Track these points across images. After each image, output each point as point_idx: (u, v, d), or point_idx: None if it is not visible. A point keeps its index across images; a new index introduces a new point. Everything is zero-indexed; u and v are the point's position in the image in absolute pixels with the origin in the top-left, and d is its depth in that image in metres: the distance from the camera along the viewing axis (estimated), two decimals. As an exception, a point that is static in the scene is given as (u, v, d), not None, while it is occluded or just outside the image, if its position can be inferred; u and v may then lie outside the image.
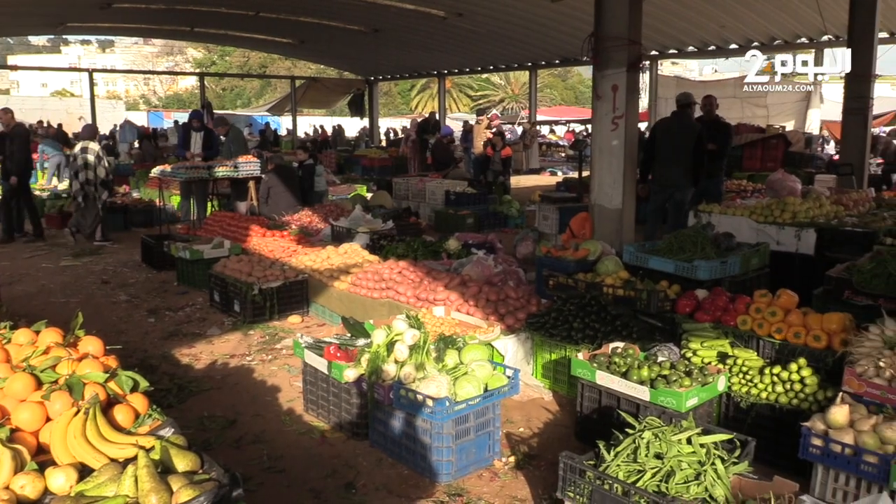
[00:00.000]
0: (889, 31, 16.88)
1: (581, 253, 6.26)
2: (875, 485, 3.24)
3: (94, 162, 10.86)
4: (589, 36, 7.30)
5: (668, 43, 20.65)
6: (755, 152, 14.46)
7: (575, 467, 3.28)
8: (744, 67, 30.75)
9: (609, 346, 4.56)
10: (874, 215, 7.24)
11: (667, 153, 7.82)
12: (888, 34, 16.98)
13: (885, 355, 3.80)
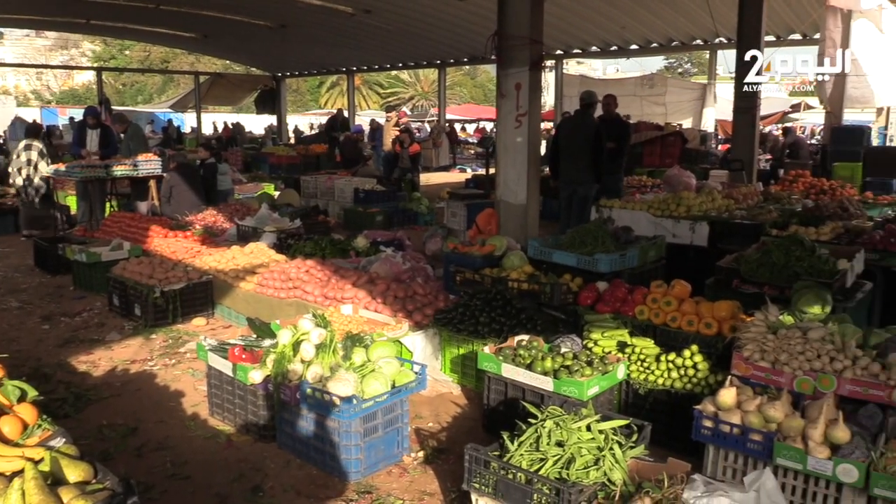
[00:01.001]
0: (776, 34, 17.85)
1: (487, 248, 6.36)
2: (760, 461, 3.43)
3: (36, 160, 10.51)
4: (492, 35, 7.41)
5: (573, 43, 21.17)
6: (654, 149, 15.02)
7: (480, 459, 3.34)
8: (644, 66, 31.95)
9: (514, 339, 4.66)
10: (761, 208, 7.65)
11: (569, 150, 8.04)
12: (775, 37, 17.96)
13: (769, 340, 4.04)
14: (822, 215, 7.07)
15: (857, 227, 6.57)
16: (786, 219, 7.09)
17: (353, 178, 13.98)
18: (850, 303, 4.92)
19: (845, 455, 3.23)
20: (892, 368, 3.71)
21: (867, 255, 5.82)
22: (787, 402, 3.65)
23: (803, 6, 15.59)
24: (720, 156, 15.24)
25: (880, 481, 3.09)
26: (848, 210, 7.32)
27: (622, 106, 21.95)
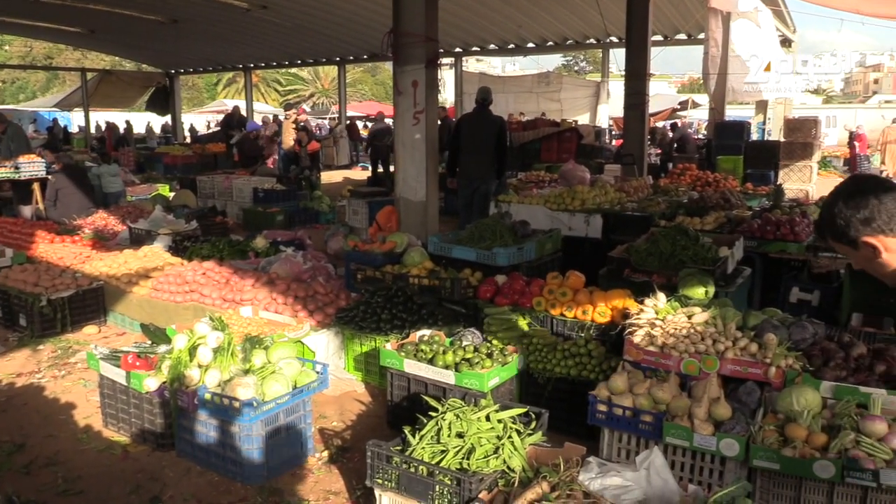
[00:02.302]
0: (663, 34, 18.65)
1: (388, 245, 6.38)
2: (652, 440, 3.60)
3: None
4: (388, 32, 7.42)
5: (471, 41, 21.43)
6: (551, 145, 15.40)
7: (382, 454, 3.36)
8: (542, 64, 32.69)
9: (416, 335, 4.70)
10: (651, 200, 7.99)
11: (471, 147, 8.15)
12: (662, 37, 18.77)
13: (657, 325, 4.24)
14: (706, 206, 7.46)
15: (737, 216, 6.97)
16: (673, 210, 7.44)
17: (252, 177, 13.69)
18: (731, 287, 5.22)
19: (727, 430, 3.44)
20: (767, 348, 3.97)
21: (746, 242, 6.19)
22: (674, 383, 3.85)
23: (687, 8, 16.35)
24: (614, 151, 15.79)
25: (759, 453, 3.30)
26: (730, 201, 7.75)
27: (519, 102, 22.58)
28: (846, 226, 1.96)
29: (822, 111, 35.39)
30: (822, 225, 2.08)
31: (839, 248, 2.08)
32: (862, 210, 1.93)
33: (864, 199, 1.94)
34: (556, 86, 23.28)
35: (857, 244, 1.97)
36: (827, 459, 3.19)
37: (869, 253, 1.98)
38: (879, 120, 31.32)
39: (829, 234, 2.04)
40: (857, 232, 1.95)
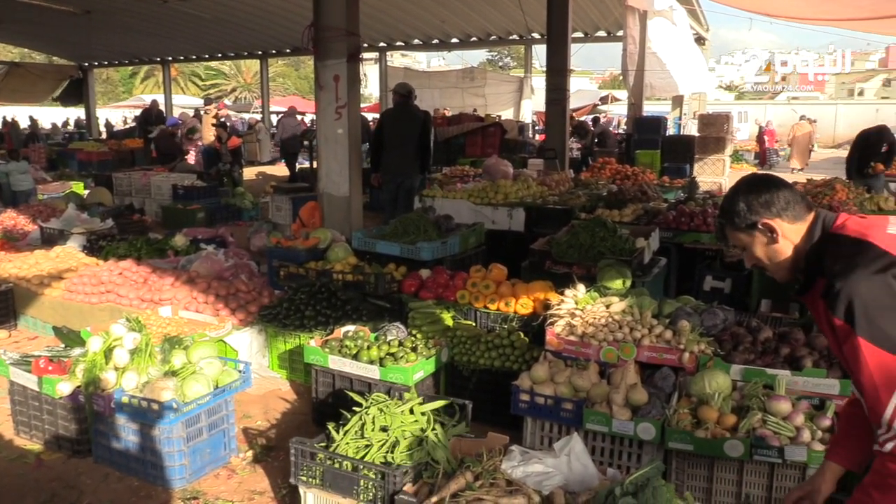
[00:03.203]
0: (584, 31, 19.04)
1: (311, 242, 6.32)
2: (573, 427, 3.69)
3: None
4: (308, 26, 7.33)
5: (395, 36, 21.39)
6: (476, 140, 15.52)
7: (306, 451, 3.34)
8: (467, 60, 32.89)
9: (341, 331, 4.69)
10: (572, 194, 8.17)
11: (394, 142, 8.13)
12: (583, 34, 19.15)
13: (577, 315, 4.35)
14: (624, 199, 7.68)
15: (654, 208, 7.20)
16: (593, 203, 7.63)
17: (171, 173, 13.31)
18: (648, 277, 5.39)
19: (644, 415, 3.56)
20: (681, 334, 4.13)
21: (662, 233, 6.41)
22: (594, 371, 3.96)
23: (606, 5, 16.73)
24: (538, 145, 16.04)
25: (674, 435, 3.43)
26: (647, 193, 7.99)
27: (444, 98, 22.66)
28: (747, 209, 2.08)
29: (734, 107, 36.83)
30: (722, 212, 2.19)
31: (736, 239, 2.18)
32: (763, 194, 2.07)
33: (765, 186, 2.09)
34: (481, 81, 23.49)
35: (756, 227, 2.09)
36: (736, 439, 3.34)
37: (766, 237, 2.10)
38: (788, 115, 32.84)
39: (729, 221, 2.14)
40: (756, 215, 2.07)
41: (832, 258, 2.00)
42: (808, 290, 2.09)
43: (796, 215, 2.08)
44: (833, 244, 2.02)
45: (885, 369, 1.88)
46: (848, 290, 1.91)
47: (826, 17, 10.63)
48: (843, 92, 56.41)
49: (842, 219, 2.07)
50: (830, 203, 7.88)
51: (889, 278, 1.87)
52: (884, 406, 1.89)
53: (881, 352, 1.88)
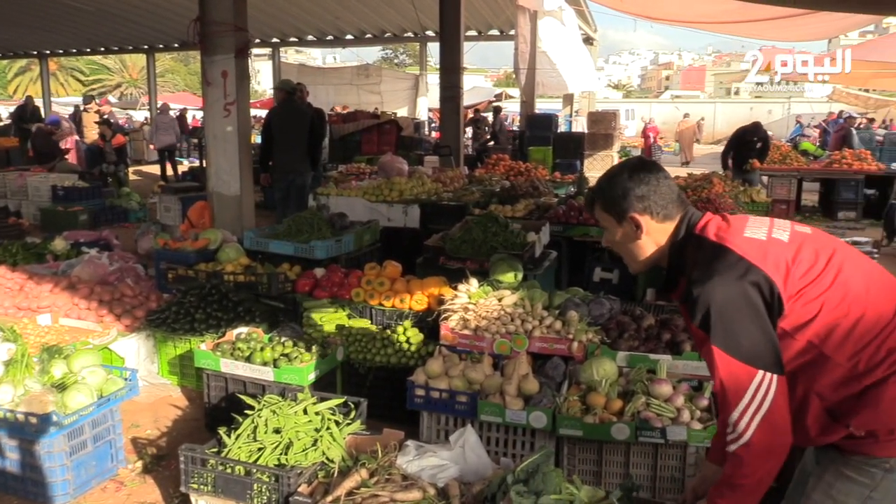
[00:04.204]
0: (477, 29, 19.30)
1: (201, 242, 6.14)
2: (468, 419, 3.75)
3: None
4: (194, 20, 7.11)
5: (289, 31, 21.03)
6: (372, 137, 15.48)
7: (196, 458, 3.25)
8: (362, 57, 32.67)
9: (233, 333, 4.58)
10: (466, 190, 8.28)
11: (283, 140, 8.00)
12: (476, 32, 19.42)
13: (470, 309, 4.42)
14: (516, 194, 7.84)
15: (545, 203, 7.39)
16: (487, 199, 7.76)
17: (51, 174, 12.58)
18: (539, 270, 5.54)
19: (536, 404, 3.66)
20: (570, 324, 4.26)
21: (553, 227, 6.59)
22: (488, 363, 4.03)
23: (499, 4, 17.01)
24: (433, 142, 16.15)
25: (564, 422, 3.54)
26: (538, 189, 8.20)
27: (339, 95, 22.47)
28: (622, 196, 2.04)
29: (621, 105, 38.32)
30: (597, 190, 2.15)
31: (603, 220, 2.15)
32: (642, 186, 2.03)
33: (647, 177, 2.04)
34: (376, 78, 23.44)
35: (624, 218, 2.06)
36: (622, 422, 3.49)
37: (631, 230, 2.07)
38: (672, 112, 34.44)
39: (602, 201, 2.10)
40: (629, 205, 2.03)
41: (692, 262, 1.99)
42: (673, 289, 2.13)
43: (667, 215, 2.05)
44: (694, 247, 2.01)
45: (735, 377, 1.90)
46: (705, 297, 1.90)
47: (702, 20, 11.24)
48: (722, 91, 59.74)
49: (704, 220, 2.05)
50: (709, 196, 8.33)
51: (745, 286, 1.87)
52: (731, 410, 1.92)
53: (732, 360, 1.89)
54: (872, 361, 1.88)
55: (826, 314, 1.88)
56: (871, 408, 1.87)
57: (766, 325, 1.87)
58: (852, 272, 1.93)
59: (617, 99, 49.69)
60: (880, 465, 1.90)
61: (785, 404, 1.90)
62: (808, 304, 1.89)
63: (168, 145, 16.50)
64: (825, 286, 1.89)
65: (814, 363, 1.92)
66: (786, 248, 1.93)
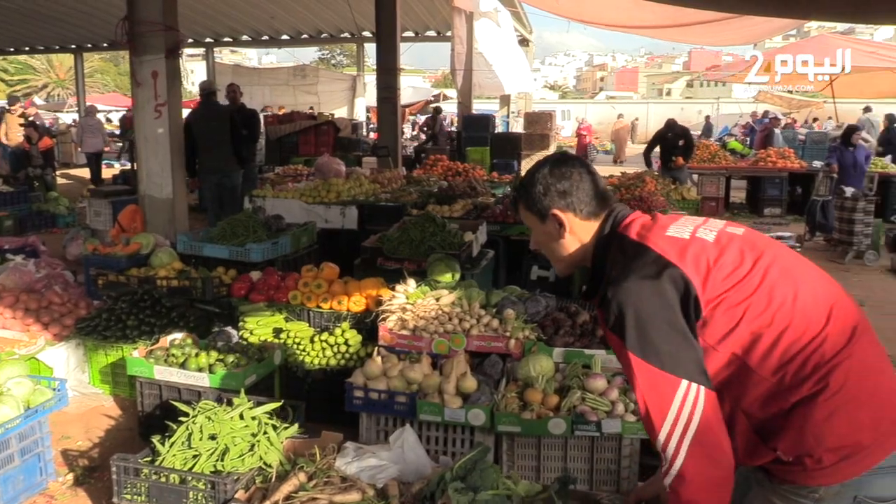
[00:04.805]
0: (414, 30, 19.31)
1: (132, 247, 6.00)
2: (408, 419, 3.76)
3: None
4: (122, 19, 6.94)
5: (222, 31, 20.66)
6: (309, 138, 15.33)
7: (129, 468, 3.18)
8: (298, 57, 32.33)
9: (167, 339, 4.50)
10: (404, 191, 8.30)
11: (207, 141, 7.88)
12: (413, 33, 19.43)
13: (408, 310, 4.44)
14: (454, 195, 7.90)
15: (482, 203, 7.47)
16: (424, 199, 7.79)
17: (-30, 180, 12.09)
18: (477, 269, 5.59)
19: (474, 402, 3.69)
20: (507, 322, 4.32)
21: (490, 227, 6.66)
22: (426, 363, 4.05)
23: (435, 5, 17.07)
24: (372, 143, 16.10)
25: (502, 419, 3.59)
26: (476, 189, 8.27)
27: (275, 95, 22.19)
28: (544, 193, 1.93)
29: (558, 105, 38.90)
30: (519, 188, 2.03)
31: (527, 219, 2.04)
32: (563, 181, 1.92)
33: (569, 172, 1.93)
34: (313, 79, 23.24)
35: (547, 216, 1.95)
36: (559, 417, 3.56)
37: (554, 228, 1.96)
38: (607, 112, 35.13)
39: (525, 200, 1.99)
40: (551, 202, 1.93)
41: (612, 262, 1.87)
42: (595, 292, 1.95)
43: (591, 212, 1.94)
44: (616, 246, 1.89)
45: (656, 388, 1.72)
46: (618, 298, 1.75)
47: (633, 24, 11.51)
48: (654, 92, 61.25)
49: (631, 218, 1.93)
50: (641, 194, 8.53)
51: (662, 285, 1.72)
52: (657, 431, 1.74)
53: (651, 368, 1.72)
54: (798, 376, 1.71)
55: (749, 322, 1.73)
56: (797, 429, 1.71)
57: (685, 329, 1.72)
58: (780, 278, 1.77)
59: (553, 99, 50.46)
60: (808, 496, 1.74)
61: (718, 423, 1.72)
62: (729, 310, 1.74)
63: (96, 149, 16.02)
64: (748, 292, 1.74)
65: (739, 377, 1.76)
66: (709, 248, 1.79)
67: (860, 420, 1.69)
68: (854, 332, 1.74)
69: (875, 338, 1.80)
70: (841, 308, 1.77)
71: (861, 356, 1.73)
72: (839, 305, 1.78)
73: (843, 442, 1.69)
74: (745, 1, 7.32)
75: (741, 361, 1.75)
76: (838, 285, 1.86)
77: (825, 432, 1.69)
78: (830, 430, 1.68)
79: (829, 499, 1.72)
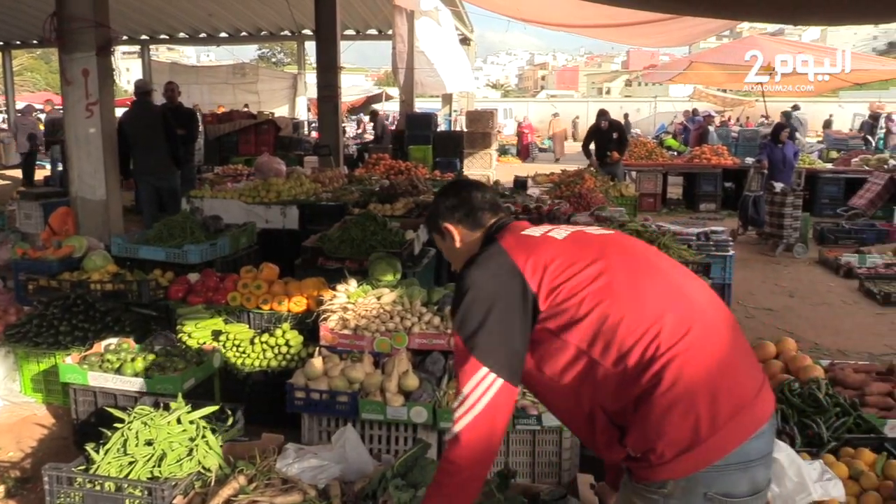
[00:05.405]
0: (355, 28, 19.19)
1: (64, 251, 5.82)
2: (350, 419, 3.75)
3: None
4: (51, 15, 6.72)
5: (159, 28, 20.19)
6: (249, 137, 15.12)
7: (62, 477, 3.09)
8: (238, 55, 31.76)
9: (101, 345, 4.38)
10: (345, 190, 8.26)
11: (141, 141, 7.70)
12: (355, 31, 19.31)
13: (350, 309, 4.43)
14: (396, 193, 7.89)
15: (424, 201, 7.47)
16: (366, 198, 7.77)
17: None
18: (418, 267, 5.61)
19: (416, 399, 3.71)
20: (448, 319, 4.35)
21: (432, 225, 6.66)
22: (368, 362, 4.06)
23: (376, 4, 16.99)
24: (314, 142, 15.96)
25: (444, 416, 3.62)
26: (417, 187, 8.28)
27: (214, 94, 21.81)
28: (437, 213, 2.19)
29: (500, 104, 39.20)
30: (426, 218, 2.30)
31: (437, 241, 2.28)
32: (451, 198, 2.16)
33: (456, 191, 2.19)
34: (253, 77, 22.91)
35: (440, 230, 2.19)
36: (499, 412, 3.59)
37: (449, 241, 2.17)
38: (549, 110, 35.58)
39: (429, 225, 2.26)
40: (443, 218, 2.16)
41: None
42: None
43: (477, 223, 2.12)
44: (481, 252, 2.03)
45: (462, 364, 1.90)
46: (460, 285, 1.94)
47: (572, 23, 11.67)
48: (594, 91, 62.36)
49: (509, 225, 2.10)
50: (580, 191, 8.68)
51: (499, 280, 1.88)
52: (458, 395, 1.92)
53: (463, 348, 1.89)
54: (637, 368, 1.79)
55: (586, 315, 1.83)
56: (641, 425, 1.79)
57: (509, 324, 1.86)
58: (621, 274, 1.88)
59: (496, 98, 50.80)
60: (658, 492, 1.82)
61: (501, 418, 1.88)
62: (566, 301, 1.85)
63: (30, 149, 15.49)
64: (584, 284, 1.85)
65: (589, 373, 1.86)
66: (553, 246, 1.94)
67: (697, 414, 1.75)
68: (692, 328, 1.81)
69: (726, 334, 1.87)
70: (683, 304, 1.87)
71: (701, 351, 1.79)
72: (683, 302, 1.87)
73: (681, 435, 1.75)
74: (681, 2, 7.51)
75: (587, 356, 1.84)
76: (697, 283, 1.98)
77: (664, 426, 1.76)
78: (669, 424, 1.75)
79: (677, 494, 1.79)
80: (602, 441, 1.92)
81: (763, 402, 1.84)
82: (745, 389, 1.81)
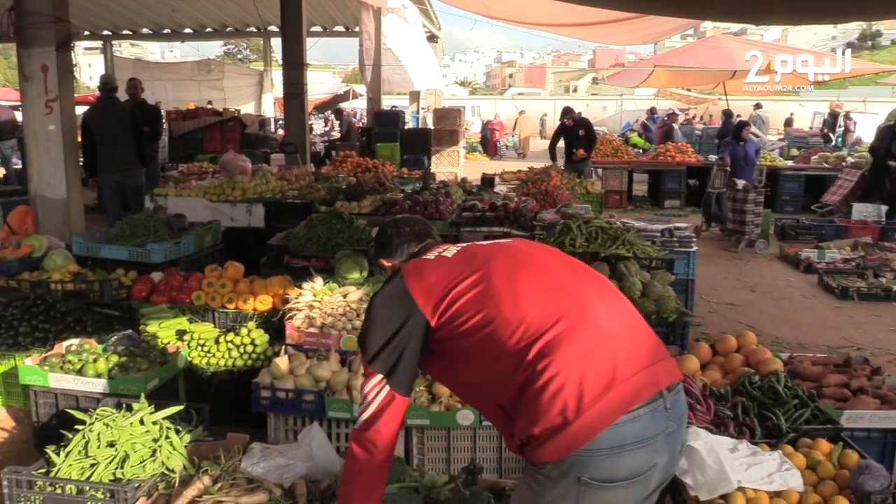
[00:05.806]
0: (322, 25, 19.07)
1: (24, 250, 5.71)
2: (317, 418, 3.75)
3: None
4: (8, 10, 6.57)
5: (122, 23, 19.83)
6: (214, 135, 14.93)
7: (22, 480, 3.04)
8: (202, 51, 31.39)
9: (63, 346, 4.32)
10: (312, 188, 8.22)
11: (108, 138, 7.56)
12: (321, 28, 19.19)
13: (316, 307, 4.41)
14: (363, 191, 7.86)
15: (391, 199, 7.46)
16: (333, 196, 7.73)
17: None
18: (385, 265, 5.59)
19: (383, 396, 3.71)
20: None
21: (399, 222, 6.65)
22: (335, 360, 4.05)
23: (343, 0, 16.88)
24: (280, 140, 15.82)
25: (411, 412, 3.64)
26: (385, 185, 8.26)
27: (179, 90, 21.51)
28: (374, 250, 2.53)
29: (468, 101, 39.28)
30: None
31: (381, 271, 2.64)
32: (382, 238, 2.45)
33: (385, 233, 2.45)
34: (218, 74, 22.62)
35: (377, 265, 2.56)
36: (467, 409, 3.62)
37: (386, 272, 2.47)
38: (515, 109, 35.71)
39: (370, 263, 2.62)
40: (377, 256, 2.49)
41: None
42: None
43: (403, 253, 2.39)
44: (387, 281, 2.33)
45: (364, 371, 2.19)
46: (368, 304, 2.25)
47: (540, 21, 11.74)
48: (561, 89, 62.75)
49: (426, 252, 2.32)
50: (547, 188, 8.74)
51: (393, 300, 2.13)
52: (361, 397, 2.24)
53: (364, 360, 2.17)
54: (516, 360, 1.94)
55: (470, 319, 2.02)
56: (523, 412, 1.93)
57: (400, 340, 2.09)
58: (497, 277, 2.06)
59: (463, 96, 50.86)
60: (540, 472, 1.94)
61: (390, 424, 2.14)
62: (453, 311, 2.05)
63: None
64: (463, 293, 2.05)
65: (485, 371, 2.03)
66: (441, 265, 2.16)
67: (565, 397, 1.86)
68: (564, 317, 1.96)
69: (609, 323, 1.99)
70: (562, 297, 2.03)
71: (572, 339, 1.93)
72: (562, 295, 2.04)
73: (552, 419, 1.87)
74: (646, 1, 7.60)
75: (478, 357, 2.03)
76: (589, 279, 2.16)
77: (538, 411, 1.89)
78: (541, 409, 1.88)
79: (554, 476, 1.90)
80: (506, 433, 2.05)
81: (643, 384, 1.91)
82: (620, 373, 1.89)
